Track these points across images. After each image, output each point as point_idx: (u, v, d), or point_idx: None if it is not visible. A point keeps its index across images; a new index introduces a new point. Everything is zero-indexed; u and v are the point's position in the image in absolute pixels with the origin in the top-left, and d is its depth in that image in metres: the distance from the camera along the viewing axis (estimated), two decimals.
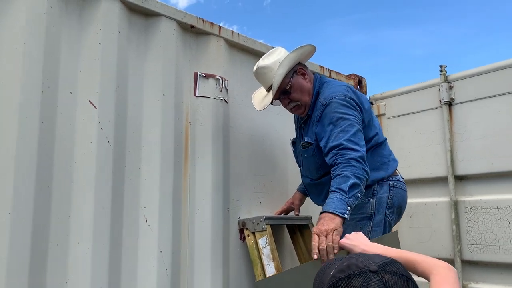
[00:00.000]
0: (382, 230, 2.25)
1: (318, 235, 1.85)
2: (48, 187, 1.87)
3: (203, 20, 2.54)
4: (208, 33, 2.57)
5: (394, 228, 2.41)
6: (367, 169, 2.04)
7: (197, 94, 2.49)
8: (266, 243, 2.44)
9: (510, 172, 2.87)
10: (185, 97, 2.45)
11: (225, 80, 2.60)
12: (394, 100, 3.55)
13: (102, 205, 1.98)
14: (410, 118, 3.43)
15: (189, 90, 2.49)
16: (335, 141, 2.06)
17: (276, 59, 2.31)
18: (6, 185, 1.73)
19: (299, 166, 2.58)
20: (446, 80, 3.21)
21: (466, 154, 3.08)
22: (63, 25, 2.01)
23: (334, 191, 1.95)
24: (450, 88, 3.19)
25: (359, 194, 1.98)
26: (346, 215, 1.90)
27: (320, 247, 1.82)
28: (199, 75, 2.51)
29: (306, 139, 2.35)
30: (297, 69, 2.33)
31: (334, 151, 2.05)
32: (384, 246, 1.62)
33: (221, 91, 2.56)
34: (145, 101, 2.26)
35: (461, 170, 3.10)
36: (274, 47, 2.92)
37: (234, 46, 2.74)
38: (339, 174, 1.98)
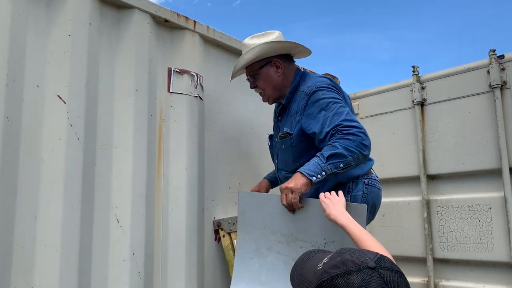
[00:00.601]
0: None
1: (281, 191, 1.97)
2: (13, 186, 1.75)
3: (177, 14, 2.46)
4: (182, 28, 2.49)
5: (367, 228, 2.41)
6: (367, 143, 1.97)
7: (171, 91, 2.41)
8: None
9: (480, 171, 2.92)
10: (158, 94, 2.37)
11: (200, 76, 2.53)
12: (367, 100, 3.57)
13: (71, 205, 1.88)
14: (382, 118, 3.45)
15: (163, 86, 2.40)
16: (331, 125, 2.01)
17: (259, 42, 2.29)
18: None
19: (274, 160, 2.52)
20: (419, 80, 3.24)
21: (438, 154, 3.12)
22: (30, 14, 1.90)
23: (316, 156, 1.97)
24: (422, 88, 3.22)
25: (341, 165, 1.93)
26: (314, 178, 1.91)
27: (282, 203, 1.95)
28: (173, 70, 2.43)
29: (285, 129, 2.30)
30: (273, 60, 2.32)
31: (332, 132, 2.00)
32: (350, 217, 1.69)
33: (196, 87, 2.49)
34: (117, 97, 2.16)
35: (433, 170, 3.14)
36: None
37: (209, 42, 2.68)
38: (329, 144, 1.96)
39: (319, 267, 1.03)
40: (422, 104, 3.22)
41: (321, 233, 1.93)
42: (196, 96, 2.49)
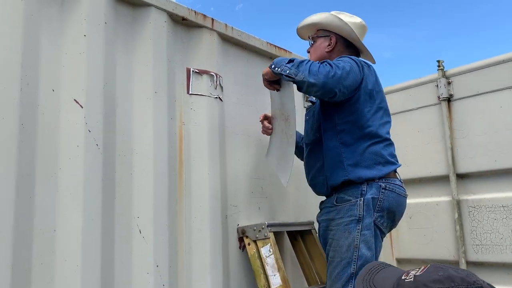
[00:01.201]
0: (373, 234, 2.07)
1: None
2: (30, 197, 1.64)
3: (195, 12, 2.34)
4: (200, 26, 2.37)
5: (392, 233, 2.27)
6: (321, 77, 1.94)
7: (190, 92, 2.29)
8: (270, 252, 2.25)
9: None
10: (177, 95, 2.24)
11: (220, 76, 2.41)
12: (389, 97, 3.39)
13: (92, 216, 1.76)
14: (406, 116, 3.31)
15: (182, 87, 2.28)
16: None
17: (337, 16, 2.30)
18: None
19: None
20: (444, 75, 3.10)
21: (468, 152, 2.98)
22: (43, 14, 1.78)
23: (292, 59, 2.07)
24: (449, 83, 3.08)
25: (281, 68, 2.05)
26: (272, 68, 2.10)
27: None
28: (192, 71, 2.31)
29: (310, 98, 2.44)
30: (331, 36, 2.32)
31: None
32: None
33: (215, 88, 2.37)
34: (136, 100, 2.05)
35: (462, 168, 3.00)
36: (268, 43, 2.78)
37: (227, 40, 2.55)
38: (304, 59, 2.05)
39: (407, 279, 0.90)
40: (448, 99, 3.08)
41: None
42: (216, 97, 2.36)
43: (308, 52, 2.46)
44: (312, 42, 2.42)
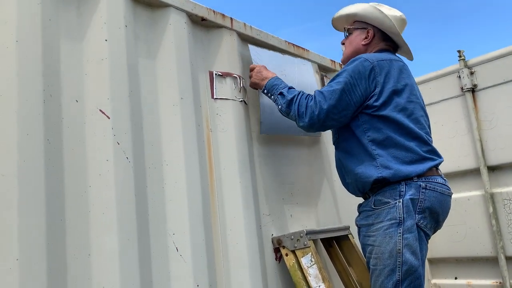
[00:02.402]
0: (417, 237, 1.93)
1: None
2: (61, 220, 1.48)
3: (214, 12, 2.20)
4: (220, 26, 2.24)
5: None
6: (306, 120, 2.03)
7: (215, 96, 2.15)
8: (312, 261, 2.10)
9: None
10: (202, 101, 2.10)
11: (243, 78, 2.27)
12: None
13: (128, 237, 1.60)
14: (429, 109, 3.15)
15: (206, 92, 2.14)
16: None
17: (380, 10, 2.20)
18: (11, 224, 1.33)
19: None
20: (466, 65, 3.00)
21: (498, 143, 2.87)
22: (60, 18, 1.64)
23: (283, 87, 2.15)
24: (471, 73, 2.98)
25: (273, 98, 2.17)
26: (265, 93, 2.22)
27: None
28: (215, 74, 2.17)
29: None
30: (369, 28, 2.22)
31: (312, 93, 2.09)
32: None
33: (240, 91, 2.23)
34: (162, 107, 1.90)
35: (493, 160, 2.89)
36: (287, 41, 2.65)
37: (246, 40, 2.42)
38: (299, 93, 2.10)
39: None
40: (473, 90, 2.97)
41: None
42: (241, 101, 2.23)
43: (343, 44, 2.35)
44: (348, 34, 2.31)
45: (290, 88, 2.15)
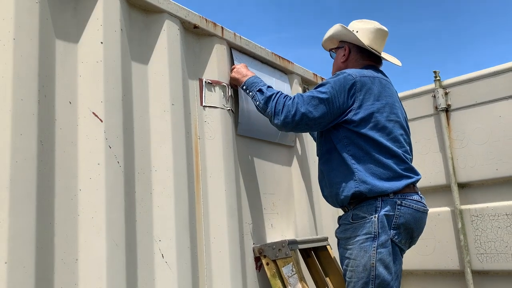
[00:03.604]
0: (391, 252, 2.00)
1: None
2: (50, 223, 1.45)
3: (206, 20, 2.22)
4: (211, 35, 2.25)
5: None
6: (281, 118, 2.07)
7: (204, 104, 2.16)
8: (293, 271, 2.13)
9: None
10: (192, 108, 2.10)
11: (231, 87, 2.29)
12: None
13: (116, 242, 1.58)
14: None
15: (195, 99, 2.15)
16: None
17: (350, 26, 2.31)
18: (1, 226, 1.29)
19: None
20: (441, 86, 3.13)
21: (468, 161, 3.00)
22: (57, 18, 1.61)
23: (263, 85, 2.20)
24: (446, 94, 3.11)
25: (253, 98, 2.21)
26: (244, 89, 2.27)
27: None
28: (205, 82, 2.18)
29: None
30: (345, 46, 2.32)
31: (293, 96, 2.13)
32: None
33: (227, 100, 2.25)
34: (152, 112, 1.89)
35: (463, 178, 3.02)
36: (273, 53, 2.69)
37: (235, 49, 2.44)
38: (278, 93, 2.15)
39: None
40: (446, 110, 3.10)
41: None
42: (229, 109, 2.24)
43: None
44: (334, 54, 2.40)
45: (269, 87, 2.21)
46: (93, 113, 1.62)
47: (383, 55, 2.30)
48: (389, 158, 2.07)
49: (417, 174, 2.18)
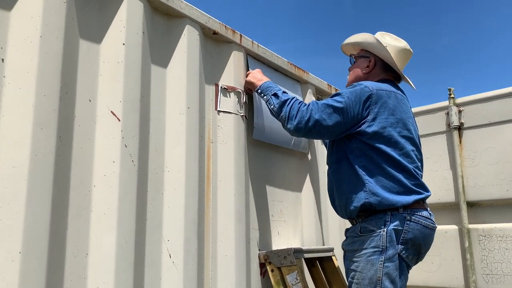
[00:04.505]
0: (398, 266, 2.00)
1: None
2: (64, 217, 1.48)
3: (225, 26, 2.26)
4: (229, 41, 2.29)
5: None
6: (295, 123, 2.08)
7: (218, 109, 2.19)
8: (297, 279, 2.15)
9: None
10: (206, 112, 2.14)
11: (246, 94, 2.32)
12: None
13: (125, 239, 1.61)
14: None
15: (210, 103, 2.18)
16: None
17: (380, 39, 2.27)
18: (18, 217, 1.33)
19: None
20: (455, 103, 3.13)
21: (478, 180, 2.99)
22: (82, 17, 1.66)
23: (278, 89, 2.23)
24: (459, 112, 3.11)
25: (268, 102, 2.23)
26: (259, 93, 2.29)
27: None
28: (221, 87, 2.22)
29: None
30: (371, 58, 2.30)
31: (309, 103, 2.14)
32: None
33: (242, 106, 2.28)
34: (168, 114, 1.93)
35: (472, 196, 3.01)
36: (289, 62, 2.72)
37: (252, 57, 2.48)
38: (294, 98, 2.17)
39: None
40: (459, 128, 3.10)
41: None
42: (243, 115, 2.27)
43: (349, 70, 2.43)
44: (352, 61, 2.40)
45: (284, 92, 2.23)
46: (112, 112, 1.66)
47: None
48: (400, 172, 2.07)
49: (427, 190, 2.18)
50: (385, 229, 1.99)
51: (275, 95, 2.19)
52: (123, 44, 1.73)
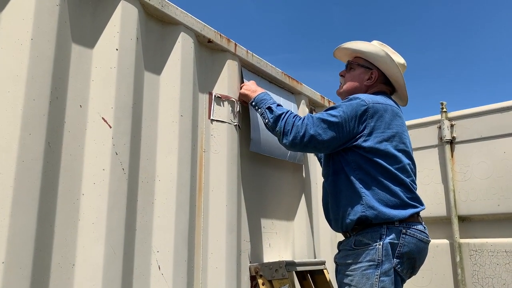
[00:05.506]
0: (393, 281, 1.97)
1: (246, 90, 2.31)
2: (50, 226, 1.43)
3: (220, 35, 2.24)
4: (224, 50, 2.27)
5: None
6: (290, 138, 2.06)
7: (211, 118, 2.16)
8: None
9: None
10: (199, 121, 2.11)
11: (240, 103, 2.30)
12: None
13: (114, 250, 1.56)
14: None
15: (203, 112, 2.15)
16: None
17: (384, 50, 2.25)
18: (2, 225, 1.28)
19: None
20: (447, 117, 3.14)
21: (470, 195, 2.99)
22: (75, 21, 1.62)
23: (272, 103, 2.19)
24: (451, 126, 3.12)
25: (262, 115, 2.21)
26: (253, 105, 2.26)
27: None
28: (215, 96, 2.19)
29: None
30: (374, 70, 2.27)
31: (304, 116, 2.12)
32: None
33: (235, 115, 2.25)
34: (161, 122, 1.89)
35: (464, 211, 3.01)
36: (283, 73, 2.70)
37: (246, 66, 2.46)
38: (288, 112, 2.13)
39: None
40: (451, 142, 3.11)
41: None
42: (236, 125, 2.24)
43: (341, 75, 2.38)
44: (348, 68, 2.35)
45: (278, 105, 2.19)
46: (103, 118, 1.62)
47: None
48: (397, 186, 2.05)
49: (422, 204, 2.17)
50: (381, 243, 1.96)
51: (269, 108, 2.16)
52: (116, 49, 1.70)
